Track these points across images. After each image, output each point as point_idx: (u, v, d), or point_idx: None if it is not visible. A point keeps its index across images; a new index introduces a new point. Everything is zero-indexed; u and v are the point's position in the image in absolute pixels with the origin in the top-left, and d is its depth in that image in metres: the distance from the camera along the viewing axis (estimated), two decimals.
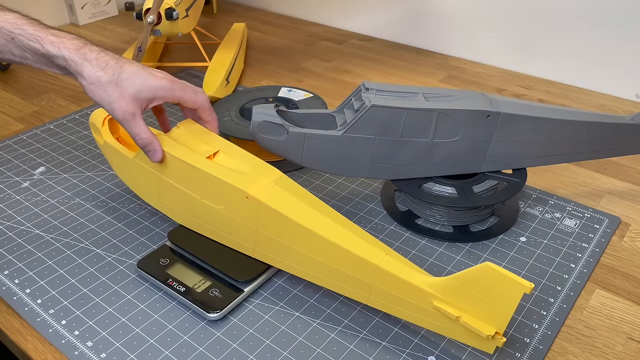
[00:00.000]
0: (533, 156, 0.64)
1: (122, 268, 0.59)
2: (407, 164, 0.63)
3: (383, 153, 0.62)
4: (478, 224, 0.65)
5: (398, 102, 0.60)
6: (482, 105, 0.61)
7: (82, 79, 0.56)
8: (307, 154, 0.62)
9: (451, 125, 0.61)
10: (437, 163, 0.63)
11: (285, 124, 0.61)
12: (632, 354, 0.51)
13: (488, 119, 0.61)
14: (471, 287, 0.44)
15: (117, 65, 0.56)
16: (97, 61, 0.55)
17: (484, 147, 0.63)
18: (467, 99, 0.62)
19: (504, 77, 1.04)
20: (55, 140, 0.82)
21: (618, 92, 0.96)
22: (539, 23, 1.00)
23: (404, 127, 0.60)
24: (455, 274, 0.45)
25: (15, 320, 0.54)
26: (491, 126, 0.62)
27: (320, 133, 0.61)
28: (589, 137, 0.64)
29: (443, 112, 0.60)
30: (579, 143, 0.64)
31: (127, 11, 1.37)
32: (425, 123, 0.60)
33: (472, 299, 0.44)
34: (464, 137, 0.62)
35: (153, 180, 0.60)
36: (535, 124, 0.62)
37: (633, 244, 0.64)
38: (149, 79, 0.56)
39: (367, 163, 0.63)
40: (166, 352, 0.50)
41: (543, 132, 0.63)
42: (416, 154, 0.62)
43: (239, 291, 0.55)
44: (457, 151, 0.63)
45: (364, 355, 0.50)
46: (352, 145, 0.61)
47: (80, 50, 0.56)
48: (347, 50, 1.16)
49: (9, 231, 0.64)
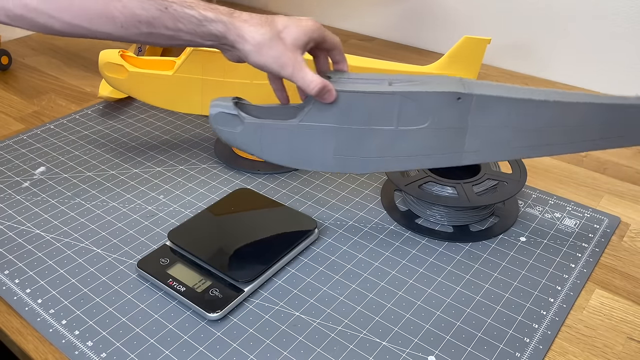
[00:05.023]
0: (521, 146, 0.57)
1: (122, 268, 0.59)
2: (374, 156, 0.58)
3: (346, 144, 0.57)
4: (478, 224, 0.65)
5: (357, 87, 0.56)
6: (453, 87, 0.55)
7: (243, 44, 0.54)
8: (265, 146, 0.59)
9: (417, 111, 0.55)
10: (407, 155, 0.58)
11: (241, 114, 0.58)
12: (632, 354, 0.51)
13: (459, 102, 0.54)
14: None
15: (267, 19, 0.54)
16: (253, 20, 0.54)
17: (459, 135, 0.56)
18: (437, 82, 0.57)
19: (504, 77, 1.04)
20: (56, 140, 0.82)
21: (618, 92, 0.96)
22: (538, 23, 1.00)
23: (364, 113, 0.56)
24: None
25: (16, 320, 0.54)
26: (463, 111, 0.55)
27: (276, 123, 0.58)
28: (584, 122, 0.55)
29: (406, 95, 0.54)
30: (574, 130, 0.56)
31: None
32: (388, 109, 0.55)
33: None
34: (434, 124, 0.56)
35: (197, 86, 0.71)
36: (517, 107, 0.55)
37: (633, 244, 0.64)
38: (300, 23, 0.55)
39: (330, 155, 0.58)
40: (166, 351, 0.50)
41: (528, 116, 0.55)
42: (382, 144, 0.57)
43: (239, 291, 0.55)
44: (428, 140, 0.57)
45: (364, 355, 0.50)
46: (311, 135, 0.57)
47: (233, 14, 0.54)
48: (347, 50, 1.15)
49: (9, 231, 0.64)
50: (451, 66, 0.75)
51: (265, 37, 0.53)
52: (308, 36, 0.56)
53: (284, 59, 0.54)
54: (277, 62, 0.54)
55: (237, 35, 0.54)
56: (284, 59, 0.53)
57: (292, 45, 0.54)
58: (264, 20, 0.54)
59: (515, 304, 0.55)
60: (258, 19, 0.54)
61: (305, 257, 0.61)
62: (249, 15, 0.55)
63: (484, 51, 0.74)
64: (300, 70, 0.54)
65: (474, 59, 0.74)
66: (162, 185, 0.72)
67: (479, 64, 0.75)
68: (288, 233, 0.61)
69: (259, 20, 0.54)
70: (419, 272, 0.59)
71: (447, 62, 0.75)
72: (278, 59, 0.54)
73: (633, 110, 0.55)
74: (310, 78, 0.54)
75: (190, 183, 0.72)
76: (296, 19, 0.56)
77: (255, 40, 0.53)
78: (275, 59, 0.54)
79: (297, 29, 0.55)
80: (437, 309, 0.55)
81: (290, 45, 0.54)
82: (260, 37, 0.53)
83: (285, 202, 0.68)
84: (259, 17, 0.55)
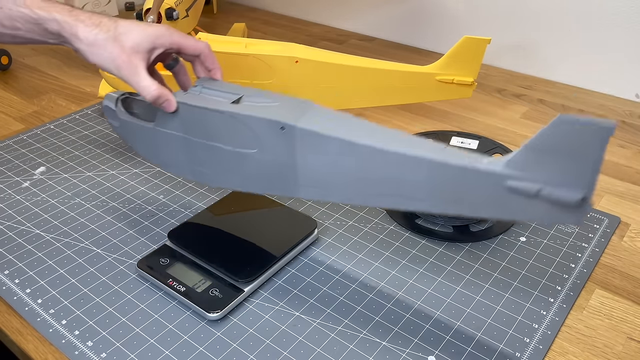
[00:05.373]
0: (359, 193, 0.48)
1: (122, 268, 0.59)
2: (222, 173, 0.55)
3: (195, 155, 0.56)
4: (478, 224, 0.65)
5: (200, 101, 0.54)
6: (282, 115, 0.49)
7: (78, 43, 0.54)
8: (137, 142, 0.60)
9: (248, 134, 0.51)
10: (250, 177, 0.54)
11: (118, 110, 0.59)
12: (632, 354, 0.51)
13: (283, 133, 0.49)
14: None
15: (110, 21, 0.54)
16: (90, 20, 0.54)
17: (291, 167, 0.50)
18: (279, 106, 0.51)
19: (504, 77, 1.04)
20: (56, 140, 0.82)
21: (618, 92, 0.96)
22: (539, 23, 1.00)
23: (202, 128, 0.54)
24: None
25: (16, 320, 0.54)
26: (289, 142, 0.49)
27: (140, 123, 0.58)
28: (422, 182, 0.44)
29: (234, 116, 0.51)
30: (409, 186, 0.45)
31: (127, 11, 1.37)
32: (224, 127, 0.52)
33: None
34: (265, 151, 0.51)
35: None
36: (350, 150, 0.46)
37: (633, 244, 0.64)
38: (146, 28, 0.55)
39: (185, 163, 0.57)
40: (166, 351, 0.50)
41: (359, 161, 0.46)
42: (225, 162, 0.54)
43: (239, 291, 0.55)
44: (263, 167, 0.52)
45: (364, 355, 0.50)
46: (166, 140, 0.57)
47: (72, 13, 0.54)
48: (347, 50, 1.16)
49: (9, 231, 0.64)
50: (451, 66, 0.75)
51: (98, 37, 0.53)
52: (151, 42, 0.54)
53: (119, 62, 0.53)
54: (112, 63, 0.53)
55: (72, 34, 0.54)
56: (119, 61, 0.53)
57: (131, 49, 0.53)
58: (106, 21, 0.54)
59: (515, 304, 0.55)
60: (96, 19, 0.54)
61: (305, 257, 0.61)
62: (88, 15, 0.54)
63: (484, 51, 0.74)
64: (136, 74, 0.53)
65: (474, 59, 0.74)
66: (162, 185, 0.72)
67: (479, 64, 0.75)
68: (288, 233, 0.61)
69: (96, 21, 0.54)
70: (419, 272, 0.59)
71: (447, 62, 0.75)
72: (113, 60, 0.53)
73: (490, 178, 0.42)
74: (145, 84, 0.53)
75: (190, 183, 0.72)
76: (144, 25, 0.55)
77: (88, 40, 0.53)
78: (110, 60, 0.53)
79: (139, 34, 0.54)
80: (437, 309, 0.55)
81: (129, 49, 0.53)
82: (92, 38, 0.53)
83: (285, 202, 0.68)
84: (99, 17, 0.54)
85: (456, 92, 0.78)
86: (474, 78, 0.76)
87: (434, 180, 0.44)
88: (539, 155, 0.39)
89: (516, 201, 0.41)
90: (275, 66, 0.72)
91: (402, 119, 0.89)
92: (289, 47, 0.73)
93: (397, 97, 0.77)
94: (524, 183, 0.40)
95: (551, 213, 0.40)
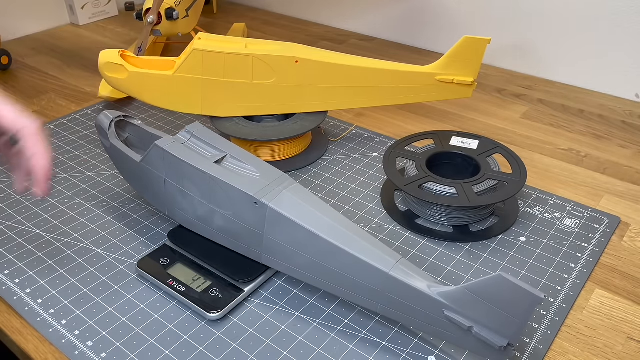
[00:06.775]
0: (307, 273, 0.52)
1: (122, 268, 0.59)
2: (195, 220, 0.58)
3: (175, 197, 0.58)
4: (478, 224, 0.65)
5: (184, 153, 0.56)
6: (258, 191, 0.52)
7: None
8: (122, 168, 0.64)
9: (225, 197, 0.54)
10: (220, 232, 0.57)
11: (109, 133, 0.61)
12: (632, 354, 0.51)
13: (257, 207, 0.52)
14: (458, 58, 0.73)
15: None
16: None
17: (258, 236, 0.53)
18: (258, 179, 0.54)
19: (504, 77, 1.04)
20: (55, 140, 0.82)
21: (618, 92, 0.96)
22: (538, 23, 1.00)
23: (183, 177, 0.56)
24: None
25: (16, 320, 0.54)
26: (260, 216, 0.52)
27: (125, 152, 0.61)
28: (373, 286, 0.48)
29: (214, 179, 0.54)
30: (360, 288, 0.49)
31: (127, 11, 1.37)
32: (203, 184, 0.55)
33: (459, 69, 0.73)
34: (237, 216, 0.54)
35: (197, 86, 0.71)
36: (309, 237, 0.50)
37: (633, 243, 0.64)
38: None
39: (165, 203, 0.60)
40: (166, 351, 0.50)
41: (319, 251, 0.50)
42: (198, 212, 0.57)
43: (239, 291, 0.55)
44: (234, 228, 0.55)
45: (364, 355, 0.50)
46: (150, 176, 0.60)
47: None
48: (347, 50, 1.16)
49: (9, 231, 0.64)
50: (451, 66, 0.75)
51: None
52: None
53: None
54: None
55: None
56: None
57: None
58: None
59: None
60: None
61: None
62: None
63: (484, 51, 0.74)
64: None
65: (474, 59, 0.74)
66: None
67: (479, 64, 0.75)
68: None
69: None
70: None
71: (447, 62, 0.75)
72: None
73: (432, 303, 0.46)
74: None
75: None
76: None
77: None
78: None
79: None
80: None
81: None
82: None
83: None
84: None
85: (456, 92, 0.78)
86: (474, 78, 0.76)
87: (383, 288, 0.48)
88: (475, 298, 0.43)
89: (451, 329, 0.46)
90: (275, 66, 0.72)
91: (402, 119, 0.89)
92: (289, 47, 0.73)
93: (397, 97, 0.77)
94: (458, 317, 0.45)
95: (479, 348, 0.46)
